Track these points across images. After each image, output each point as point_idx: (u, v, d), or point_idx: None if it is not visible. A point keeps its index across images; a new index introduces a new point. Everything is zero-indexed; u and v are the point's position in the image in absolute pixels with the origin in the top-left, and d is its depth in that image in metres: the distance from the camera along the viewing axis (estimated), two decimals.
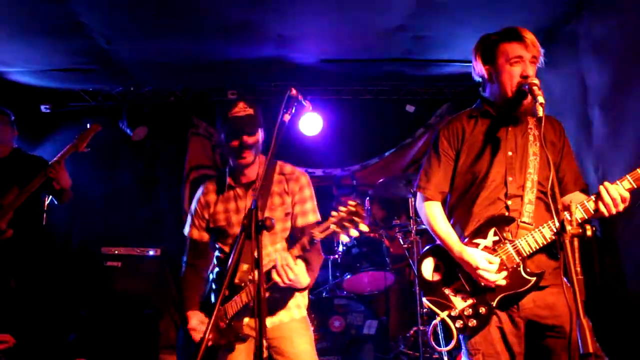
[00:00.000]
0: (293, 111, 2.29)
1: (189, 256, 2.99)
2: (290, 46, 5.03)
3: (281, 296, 2.75)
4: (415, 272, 4.96)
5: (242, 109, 2.75)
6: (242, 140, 2.71)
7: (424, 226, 5.21)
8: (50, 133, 5.71)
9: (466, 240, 2.39)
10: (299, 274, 2.49)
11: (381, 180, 5.32)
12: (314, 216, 2.81)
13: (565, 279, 2.05)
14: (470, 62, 5.45)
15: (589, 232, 2.13)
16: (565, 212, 2.04)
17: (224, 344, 2.64)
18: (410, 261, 5.12)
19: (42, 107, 5.86)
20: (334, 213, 2.26)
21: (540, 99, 2.08)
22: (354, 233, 2.25)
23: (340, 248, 4.74)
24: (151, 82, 5.95)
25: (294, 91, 2.29)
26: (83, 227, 5.34)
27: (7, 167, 4.06)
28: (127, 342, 5.20)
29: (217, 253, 2.92)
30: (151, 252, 5.54)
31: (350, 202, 2.23)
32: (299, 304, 2.82)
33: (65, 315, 4.92)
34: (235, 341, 2.64)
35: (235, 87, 6.07)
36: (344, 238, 2.31)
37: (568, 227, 1.80)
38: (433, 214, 2.50)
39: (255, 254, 1.91)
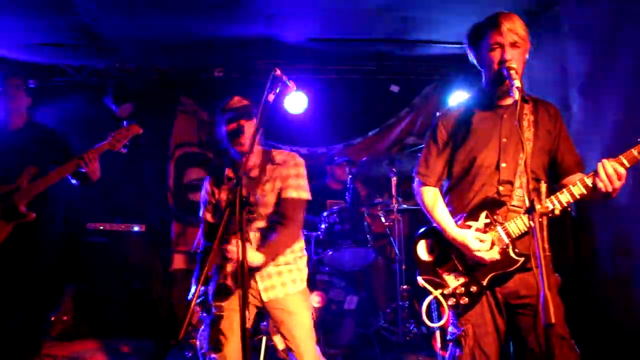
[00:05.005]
0: (277, 91, 2.35)
1: (204, 235, 3.12)
2: (278, 25, 5.06)
3: (272, 271, 2.88)
4: (396, 249, 5.09)
5: (237, 102, 2.91)
6: (239, 124, 2.82)
7: (405, 205, 5.33)
8: (37, 108, 5.70)
9: (459, 222, 2.50)
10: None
11: (364, 158, 5.40)
12: (293, 192, 2.91)
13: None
14: (454, 43, 5.55)
15: (557, 211, 2.25)
16: (553, 196, 2.17)
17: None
18: (392, 239, 5.24)
19: (29, 82, 5.82)
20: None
21: (517, 83, 2.15)
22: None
23: (323, 226, 4.82)
24: (137, 58, 5.91)
25: (278, 71, 2.35)
26: (68, 203, 5.36)
27: (23, 140, 3.80)
28: (117, 316, 5.30)
29: None
30: (136, 228, 5.60)
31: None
32: (294, 278, 2.94)
33: (50, 291, 4.97)
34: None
35: (222, 65, 6.07)
36: None
37: (537, 206, 1.89)
38: (430, 198, 2.60)
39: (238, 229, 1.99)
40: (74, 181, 3.90)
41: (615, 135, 3.85)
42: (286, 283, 2.91)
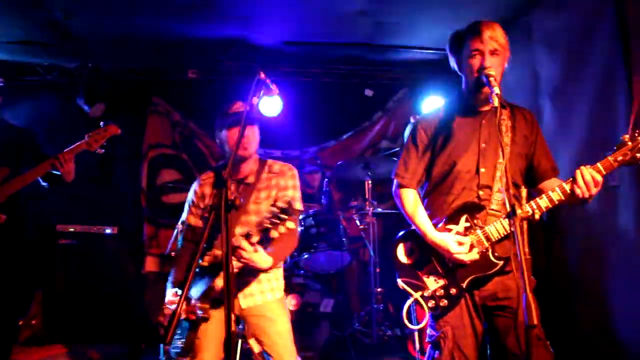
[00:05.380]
0: (261, 94, 2.36)
1: (184, 239, 3.10)
2: (253, 27, 5.06)
3: (251, 279, 2.90)
4: (371, 252, 5.13)
5: (240, 106, 2.94)
6: (242, 132, 2.80)
7: (380, 209, 5.38)
8: (6, 108, 5.56)
9: (440, 225, 2.54)
10: (252, 257, 2.60)
11: (340, 162, 5.43)
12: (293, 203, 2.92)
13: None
14: (428, 49, 5.63)
15: (536, 216, 2.31)
16: (532, 201, 2.23)
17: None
18: (366, 242, 5.28)
19: None
20: (271, 208, 2.40)
21: (496, 90, 2.21)
22: (274, 234, 2.43)
23: (299, 229, 4.83)
24: (110, 59, 5.83)
25: (262, 75, 2.36)
26: (37, 204, 5.26)
27: None
28: (88, 320, 5.21)
29: None
30: (108, 231, 5.52)
31: (280, 204, 2.37)
32: (272, 287, 2.98)
33: (20, 295, 4.85)
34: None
35: (196, 67, 6.03)
36: (273, 233, 2.44)
37: (518, 211, 1.95)
38: (411, 201, 2.64)
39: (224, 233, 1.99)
40: (44, 183, 3.80)
41: (583, 141, 3.96)
42: (264, 291, 2.94)
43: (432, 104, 6.07)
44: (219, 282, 2.73)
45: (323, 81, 6.31)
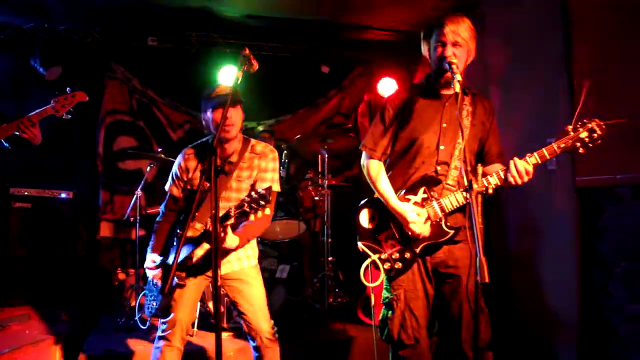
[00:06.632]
0: (244, 69, 2.51)
1: (166, 207, 3.20)
2: None
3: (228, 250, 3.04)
4: (326, 222, 5.38)
5: (224, 89, 3.01)
6: (225, 112, 2.91)
7: (334, 181, 5.63)
8: None
9: (400, 194, 2.79)
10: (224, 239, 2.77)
11: (298, 136, 5.62)
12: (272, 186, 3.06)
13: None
14: (385, 30, 5.84)
15: (490, 190, 2.60)
16: (481, 179, 2.51)
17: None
18: (320, 213, 5.52)
19: None
20: (251, 193, 2.54)
21: (458, 77, 2.47)
22: (251, 218, 2.56)
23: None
24: (67, 20, 5.71)
25: (247, 51, 2.49)
26: None
27: None
28: (42, 283, 5.22)
29: None
30: (63, 195, 5.52)
31: (261, 191, 2.51)
32: (248, 255, 3.17)
33: None
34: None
35: (156, 34, 6.02)
36: (250, 217, 2.58)
37: (475, 186, 2.22)
38: (376, 171, 2.87)
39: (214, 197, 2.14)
40: (6, 144, 3.77)
41: (525, 129, 4.26)
42: (241, 258, 3.13)
43: (385, 84, 6.34)
44: (198, 252, 2.91)
45: (281, 56, 6.43)
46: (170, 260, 2.97)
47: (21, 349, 3.94)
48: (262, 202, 2.51)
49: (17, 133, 3.53)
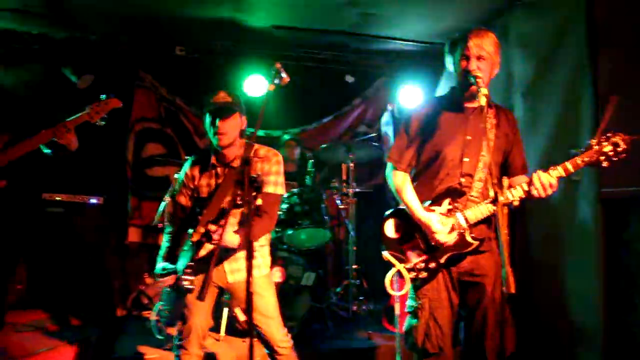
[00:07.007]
0: (276, 82, 2.58)
1: (174, 216, 3.26)
2: (245, 10, 5.22)
3: (235, 257, 3.11)
4: (351, 231, 5.44)
5: (221, 97, 3.05)
6: (216, 123, 2.99)
7: (359, 189, 5.70)
8: None
9: (425, 206, 2.85)
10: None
11: (324, 145, 5.70)
12: (272, 188, 3.12)
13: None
14: (409, 40, 5.91)
15: (515, 203, 2.64)
16: (506, 191, 2.55)
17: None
18: (346, 221, 5.58)
19: None
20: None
21: (484, 90, 2.51)
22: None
23: (284, 206, 5.08)
24: (99, 31, 5.89)
25: (278, 65, 2.56)
26: (23, 172, 5.32)
27: None
28: (72, 289, 5.34)
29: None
30: (93, 200, 5.65)
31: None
32: (259, 264, 3.17)
33: (9, 259, 4.96)
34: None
35: (184, 44, 6.16)
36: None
37: (500, 198, 2.27)
38: (401, 182, 2.94)
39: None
40: (47, 151, 3.89)
41: (549, 139, 4.28)
42: (251, 267, 3.15)
43: (408, 93, 6.39)
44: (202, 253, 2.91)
45: (307, 65, 6.51)
46: (179, 265, 2.95)
47: (56, 349, 4.12)
48: (253, 193, 2.43)
49: (55, 139, 3.67)
